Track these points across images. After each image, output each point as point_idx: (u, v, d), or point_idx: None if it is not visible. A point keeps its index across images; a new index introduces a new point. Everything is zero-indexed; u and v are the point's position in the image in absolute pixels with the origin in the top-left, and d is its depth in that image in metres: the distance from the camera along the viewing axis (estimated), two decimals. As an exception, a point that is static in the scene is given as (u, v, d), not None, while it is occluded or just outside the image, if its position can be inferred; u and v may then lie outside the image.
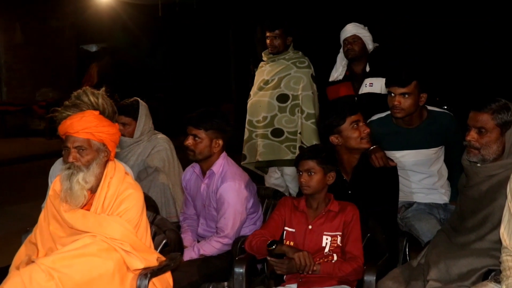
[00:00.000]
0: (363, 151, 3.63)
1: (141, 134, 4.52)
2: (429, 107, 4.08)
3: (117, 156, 3.21)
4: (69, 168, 2.95)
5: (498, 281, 2.80)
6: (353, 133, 3.57)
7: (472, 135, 3.09)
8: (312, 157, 3.33)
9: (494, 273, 2.93)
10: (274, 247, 3.21)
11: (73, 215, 2.97)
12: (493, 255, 2.98)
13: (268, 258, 3.26)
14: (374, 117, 4.15)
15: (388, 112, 4.08)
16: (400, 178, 3.76)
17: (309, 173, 3.31)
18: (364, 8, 10.25)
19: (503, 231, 2.87)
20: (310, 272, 3.18)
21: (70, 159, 2.95)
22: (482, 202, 3.13)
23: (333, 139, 3.61)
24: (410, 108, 3.90)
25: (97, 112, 2.98)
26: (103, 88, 3.09)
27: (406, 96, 3.87)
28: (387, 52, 5.11)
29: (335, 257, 3.27)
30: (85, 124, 2.94)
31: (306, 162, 3.33)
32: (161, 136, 4.64)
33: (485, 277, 2.97)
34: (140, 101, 4.57)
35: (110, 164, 3.07)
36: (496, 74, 10.35)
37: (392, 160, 3.68)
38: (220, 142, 3.73)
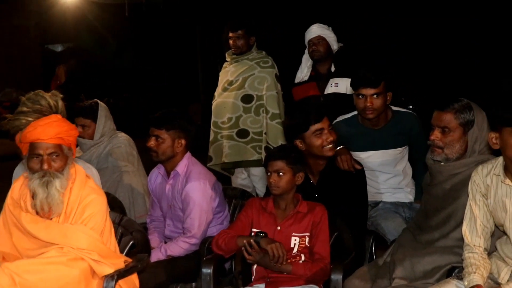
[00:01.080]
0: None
1: (102, 136, 4.48)
2: (394, 107, 4.12)
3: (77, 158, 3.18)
4: (43, 176, 2.89)
5: (461, 278, 2.85)
6: (316, 141, 3.55)
7: (436, 135, 3.13)
8: (282, 157, 3.32)
9: (457, 270, 2.98)
10: (262, 235, 3.22)
11: (36, 225, 2.92)
12: (456, 252, 3.02)
13: (246, 242, 3.22)
14: (340, 118, 4.18)
15: (354, 113, 4.11)
16: (367, 179, 3.79)
17: (279, 174, 3.30)
18: (329, 8, 10.30)
19: (465, 228, 2.93)
20: (283, 263, 3.17)
21: (45, 167, 2.88)
22: (445, 200, 3.17)
23: (298, 143, 3.60)
24: (381, 108, 3.94)
25: (59, 116, 2.95)
26: (54, 90, 3.06)
27: (376, 96, 3.90)
28: (352, 53, 5.15)
29: (303, 257, 3.28)
30: (57, 129, 2.90)
31: (275, 163, 3.32)
32: (122, 135, 4.61)
33: (449, 274, 3.02)
34: (100, 102, 4.53)
35: (71, 168, 3.02)
36: (460, 74, 10.48)
37: (358, 163, 3.69)
38: (183, 142, 3.72)
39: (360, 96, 3.93)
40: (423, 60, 11.01)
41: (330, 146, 3.56)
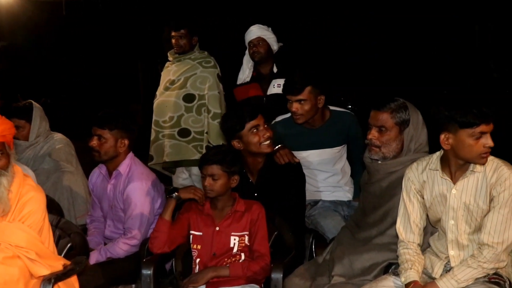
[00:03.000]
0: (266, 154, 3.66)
1: (37, 137, 4.40)
2: (332, 107, 4.18)
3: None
4: None
5: (397, 274, 2.93)
6: (253, 138, 3.56)
7: (373, 134, 3.20)
8: (217, 162, 3.30)
9: (394, 266, 3.05)
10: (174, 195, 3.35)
11: None
12: (393, 249, 3.09)
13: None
14: (278, 118, 4.21)
15: None
16: (306, 178, 3.84)
17: (213, 178, 3.29)
18: (270, 8, 10.35)
19: (399, 225, 3.00)
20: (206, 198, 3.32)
21: None
22: (383, 198, 3.24)
23: (235, 143, 3.60)
24: (309, 113, 3.98)
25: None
26: None
27: (302, 102, 3.94)
28: (293, 53, 5.19)
29: (243, 256, 3.30)
30: (1, 127, 2.87)
31: (210, 167, 3.30)
32: (57, 135, 4.53)
33: (386, 270, 3.09)
34: (34, 103, 4.44)
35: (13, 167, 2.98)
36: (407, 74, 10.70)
37: (295, 157, 3.73)
38: (126, 141, 3.69)
39: (290, 101, 3.98)
40: (364, 60, 11.20)
41: (268, 142, 3.57)
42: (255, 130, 3.56)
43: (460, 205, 2.84)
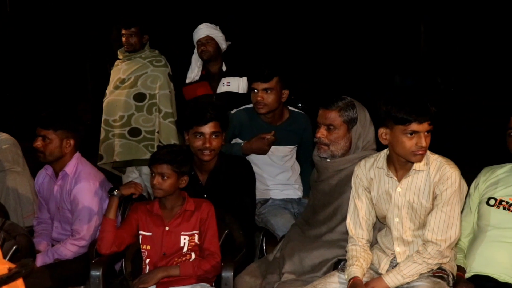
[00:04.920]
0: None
1: None
2: (290, 107, 4.23)
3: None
4: None
5: (344, 270, 2.96)
6: (194, 142, 3.56)
7: (322, 132, 3.23)
8: (168, 161, 3.28)
9: (343, 262, 3.08)
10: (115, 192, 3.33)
11: None
12: (342, 245, 3.13)
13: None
14: (243, 107, 4.22)
15: None
16: (256, 175, 3.86)
17: (163, 177, 3.28)
18: (219, 6, 10.36)
19: (349, 221, 3.04)
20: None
21: None
22: (332, 195, 3.28)
23: (185, 135, 3.63)
24: (273, 104, 4.01)
25: None
26: None
27: (269, 91, 3.97)
28: (245, 51, 5.21)
29: (193, 256, 3.29)
30: None
31: (160, 166, 3.28)
32: (3, 136, 4.44)
33: (335, 267, 3.12)
34: None
35: None
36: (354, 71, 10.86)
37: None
38: (72, 142, 3.64)
39: (255, 90, 4.00)
40: (313, 58, 11.32)
41: (207, 152, 3.55)
42: (198, 136, 3.55)
43: (405, 203, 2.90)
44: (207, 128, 3.54)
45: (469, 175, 3.16)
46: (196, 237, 3.30)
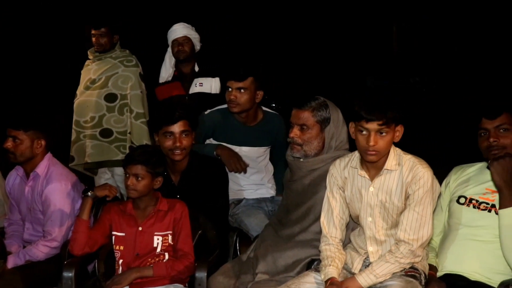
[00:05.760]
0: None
1: None
2: (264, 108, 4.24)
3: None
4: None
5: (318, 270, 2.98)
6: (164, 142, 3.54)
7: (295, 132, 3.25)
8: (142, 162, 3.26)
9: (316, 262, 3.10)
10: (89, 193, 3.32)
11: None
12: (315, 245, 3.14)
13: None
14: (217, 107, 4.21)
15: None
16: (230, 176, 3.87)
17: (137, 178, 3.26)
18: (191, 7, 10.34)
19: (323, 219, 3.06)
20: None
21: None
22: (305, 195, 3.29)
23: (155, 136, 3.62)
24: (245, 104, 4.01)
25: None
26: None
27: (242, 91, 3.97)
28: (218, 52, 5.22)
29: (167, 256, 3.28)
30: None
31: (134, 167, 3.26)
32: None
33: (308, 266, 3.14)
34: None
35: None
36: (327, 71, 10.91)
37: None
38: (43, 142, 3.61)
39: (229, 88, 4.00)
40: (286, 58, 11.35)
41: (178, 151, 3.54)
42: (168, 136, 3.54)
43: (377, 203, 2.92)
44: (177, 127, 3.52)
45: (441, 174, 3.20)
46: (170, 237, 3.29)
